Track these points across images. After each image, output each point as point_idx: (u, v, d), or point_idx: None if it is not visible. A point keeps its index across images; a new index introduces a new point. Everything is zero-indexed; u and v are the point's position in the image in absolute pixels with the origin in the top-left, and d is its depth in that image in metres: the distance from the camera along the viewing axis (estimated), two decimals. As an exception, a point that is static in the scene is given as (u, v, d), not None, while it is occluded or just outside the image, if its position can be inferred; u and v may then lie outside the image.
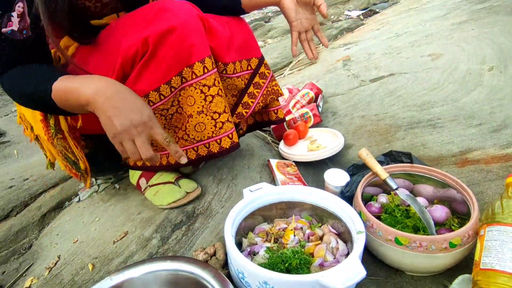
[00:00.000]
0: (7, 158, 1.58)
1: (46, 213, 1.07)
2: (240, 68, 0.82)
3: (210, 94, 0.71)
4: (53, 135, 0.76)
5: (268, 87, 0.89)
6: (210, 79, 0.71)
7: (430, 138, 0.91)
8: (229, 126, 0.76)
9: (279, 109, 0.97)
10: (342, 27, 2.12)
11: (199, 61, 0.68)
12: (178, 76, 0.69)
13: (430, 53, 1.23)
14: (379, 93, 1.16)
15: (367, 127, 1.05)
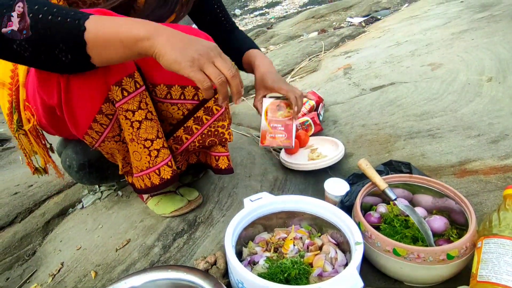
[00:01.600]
0: (12, 164, 1.61)
1: (50, 220, 1.08)
2: (181, 95, 0.69)
3: (136, 120, 0.64)
4: (15, 130, 0.76)
5: (211, 127, 0.74)
6: (132, 103, 0.62)
7: (430, 148, 0.91)
8: (165, 152, 0.70)
9: (222, 157, 0.79)
10: (344, 35, 2.14)
11: (115, 84, 0.60)
12: (107, 102, 0.62)
13: (430, 62, 1.24)
14: (380, 102, 1.17)
15: (367, 136, 1.06)
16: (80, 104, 0.62)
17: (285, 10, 4.79)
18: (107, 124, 0.66)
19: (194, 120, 0.73)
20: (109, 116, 0.65)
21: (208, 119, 0.74)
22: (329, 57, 1.80)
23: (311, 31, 2.92)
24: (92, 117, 0.64)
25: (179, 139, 0.74)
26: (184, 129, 0.73)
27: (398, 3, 3.23)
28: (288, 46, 2.20)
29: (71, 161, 0.88)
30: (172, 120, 0.73)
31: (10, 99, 0.76)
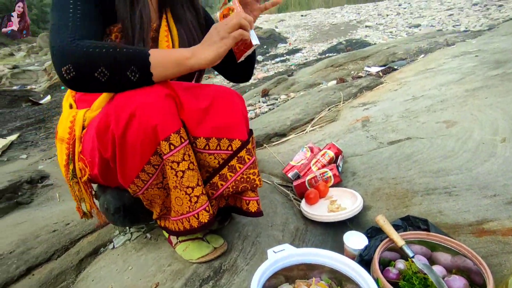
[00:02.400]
0: (50, 200, 1.73)
1: (84, 258, 1.16)
2: (217, 146, 0.80)
3: (180, 170, 0.74)
4: (70, 179, 0.91)
5: (243, 174, 0.83)
6: (177, 155, 0.73)
7: (447, 206, 0.95)
8: (204, 199, 0.78)
9: (252, 201, 0.86)
10: (362, 85, 2.25)
11: (164, 140, 0.71)
12: (155, 154, 0.74)
13: (445, 119, 1.31)
14: (397, 156, 1.22)
15: (385, 190, 1.11)
16: (131, 157, 0.74)
17: (305, 57, 5.06)
18: (153, 173, 0.77)
19: (228, 168, 0.82)
20: (156, 166, 0.76)
21: (241, 167, 0.83)
22: (347, 108, 1.89)
23: (330, 79, 3.07)
24: (141, 167, 0.75)
25: (215, 185, 0.83)
26: (220, 176, 0.82)
27: (414, 54, 3.37)
28: (308, 95, 2.33)
29: (108, 204, 0.97)
30: (209, 168, 0.83)
31: (67, 152, 0.89)
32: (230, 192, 0.84)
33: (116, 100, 0.72)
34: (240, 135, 0.82)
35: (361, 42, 5.30)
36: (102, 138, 0.75)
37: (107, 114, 0.73)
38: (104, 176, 0.86)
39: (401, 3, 8.93)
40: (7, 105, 4.36)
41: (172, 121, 0.72)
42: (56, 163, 2.30)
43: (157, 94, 0.71)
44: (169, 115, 0.72)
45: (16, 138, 3.05)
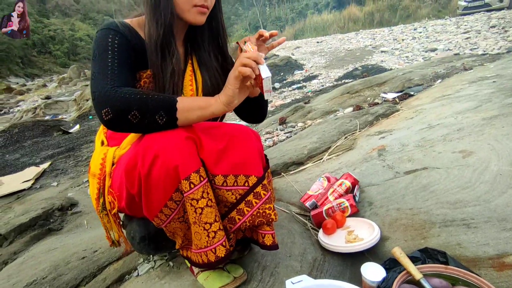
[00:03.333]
0: (79, 227, 1.83)
1: (110, 285, 1.21)
2: (234, 183, 0.86)
3: (199, 207, 0.80)
4: (100, 211, 0.99)
5: (259, 209, 0.88)
6: (197, 193, 0.80)
7: (465, 238, 0.95)
8: (221, 234, 0.83)
9: (268, 235, 0.91)
10: (378, 113, 2.28)
11: (185, 179, 0.79)
12: (177, 191, 0.81)
13: (462, 149, 1.31)
14: (413, 186, 1.24)
15: (402, 221, 1.12)
16: (155, 194, 0.82)
17: (321, 83, 5.15)
18: (175, 208, 0.84)
19: (245, 203, 0.87)
20: (177, 202, 0.83)
21: (257, 202, 0.88)
22: (363, 136, 1.92)
23: (347, 106, 3.12)
24: (164, 203, 0.83)
25: (233, 220, 0.89)
26: (237, 211, 0.88)
27: (431, 79, 3.38)
28: (325, 123, 2.38)
29: (134, 233, 1.04)
30: (227, 203, 0.88)
31: (98, 186, 0.98)
32: (247, 226, 0.89)
33: (143, 141, 0.81)
34: (256, 172, 0.87)
35: (377, 67, 5.36)
36: (130, 176, 0.83)
37: (135, 155, 0.81)
38: (131, 209, 0.94)
39: (416, 27, 9.01)
40: (41, 134, 4.67)
41: (192, 162, 0.80)
42: (84, 191, 2.43)
43: (178, 137, 0.79)
44: (189, 156, 0.80)
45: (48, 166, 3.25)
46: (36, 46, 37.66)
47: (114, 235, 1.04)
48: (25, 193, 2.63)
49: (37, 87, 15.40)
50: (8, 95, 12.66)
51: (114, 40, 0.85)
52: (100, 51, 0.83)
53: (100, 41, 0.85)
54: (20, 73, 31.78)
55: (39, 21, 40.34)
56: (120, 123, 0.78)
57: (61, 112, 6.79)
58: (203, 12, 0.91)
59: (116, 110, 0.76)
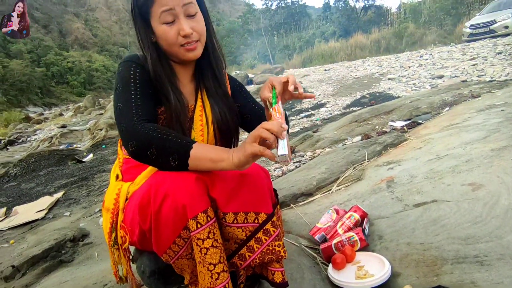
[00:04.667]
0: (89, 259, 1.84)
1: (119, 321, 1.21)
2: (245, 220, 0.89)
3: (204, 247, 0.81)
4: (112, 246, 1.01)
5: (269, 246, 0.90)
6: (203, 233, 0.81)
7: (479, 276, 0.93)
8: (225, 276, 0.83)
9: (277, 272, 0.92)
10: (386, 143, 2.30)
11: (192, 218, 0.81)
12: (185, 229, 0.84)
13: (471, 182, 1.31)
14: (423, 220, 1.23)
15: (413, 256, 1.10)
16: (164, 231, 0.85)
17: (329, 111, 5.21)
18: (182, 245, 0.86)
19: (255, 240, 0.89)
20: (185, 239, 0.86)
21: (267, 239, 0.90)
22: (372, 167, 1.93)
23: (355, 135, 3.14)
24: (172, 240, 0.85)
25: (243, 256, 0.90)
26: (247, 248, 0.90)
27: (438, 107, 3.40)
28: (333, 153, 2.39)
29: (144, 267, 1.06)
30: (237, 240, 0.90)
31: (111, 221, 1.01)
32: (257, 263, 0.90)
33: (155, 179, 0.86)
34: (265, 209, 0.90)
35: (384, 95, 5.42)
36: (143, 212, 0.87)
37: (148, 192, 0.85)
38: (142, 244, 0.96)
39: (423, 54, 9.14)
40: (56, 163, 4.80)
41: (200, 202, 0.82)
42: (95, 221, 2.46)
43: (189, 177, 0.83)
44: (198, 196, 0.82)
45: (61, 196, 3.32)
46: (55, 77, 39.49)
47: (123, 271, 1.04)
48: (38, 222, 2.68)
49: (53, 116, 15.99)
50: (27, 124, 13.16)
51: (136, 72, 0.92)
52: (123, 83, 0.91)
53: (123, 73, 0.92)
54: (38, 103, 33.15)
55: (59, 54, 42.58)
56: (141, 157, 0.86)
57: (75, 141, 7.01)
58: (191, 49, 0.96)
59: (138, 145, 0.84)
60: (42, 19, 47.89)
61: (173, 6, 0.91)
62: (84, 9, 56.58)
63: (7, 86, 30.90)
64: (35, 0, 47.89)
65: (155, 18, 0.93)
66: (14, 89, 31.50)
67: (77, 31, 52.00)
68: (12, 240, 2.33)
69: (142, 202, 0.86)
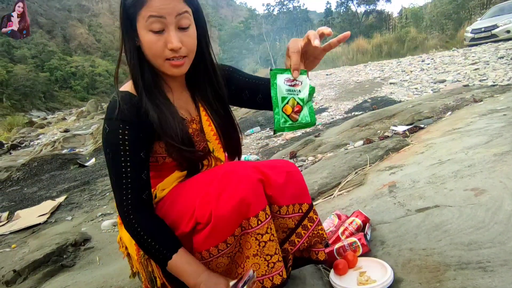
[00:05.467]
0: (91, 264, 1.84)
1: (120, 327, 1.21)
2: (292, 211, 0.98)
3: (263, 240, 0.89)
4: (142, 256, 1.01)
5: (314, 230, 1.02)
6: (263, 228, 0.88)
7: (483, 283, 0.92)
8: (279, 265, 0.91)
9: (320, 252, 1.07)
10: (388, 147, 2.29)
11: (254, 216, 0.87)
12: (239, 227, 0.88)
13: (473, 187, 1.30)
14: (425, 225, 1.22)
15: (416, 262, 1.09)
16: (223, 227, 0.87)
17: (331, 116, 5.21)
18: (231, 243, 0.89)
19: (302, 227, 1.00)
20: (236, 237, 0.89)
21: (311, 225, 1.02)
22: (374, 172, 1.92)
23: (357, 139, 3.13)
24: (226, 237, 0.88)
25: (293, 242, 1.00)
26: (296, 235, 1.00)
27: (440, 111, 3.39)
28: (335, 158, 2.39)
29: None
30: (284, 229, 1.00)
31: None
32: (305, 246, 1.02)
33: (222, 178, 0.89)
34: (307, 200, 1.01)
35: (386, 99, 5.42)
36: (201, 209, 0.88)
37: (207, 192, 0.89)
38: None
39: (424, 58, 9.15)
40: (58, 167, 4.82)
41: (261, 201, 0.89)
42: (97, 225, 2.46)
43: (251, 178, 0.88)
44: (259, 196, 0.89)
45: (64, 200, 3.32)
46: (58, 81, 39.79)
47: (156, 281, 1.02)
48: (40, 227, 2.68)
49: (57, 121, 16.09)
50: (30, 129, 13.24)
51: (124, 136, 0.87)
52: (113, 150, 0.89)
53: (112, 137, 0.88)
54: (42, 107, 33.37)
55: (62, 59, 42.95)
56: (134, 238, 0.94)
57: (78, 146, 7.04)
58: (177, 65, 0.89)
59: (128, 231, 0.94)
60: (46, 24, 48.41)
61: (165, 15, 0.82)
62: (88, 15, 57.21)
63: (11, 90, 31.18)
64: (39, 6, 48.47)
65: (141, 22, 0.84)
66: (18, 94, 31.79)
67: (81, 37, 52.55)
68: (14, 245, 2.34)
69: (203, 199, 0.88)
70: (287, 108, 0.90)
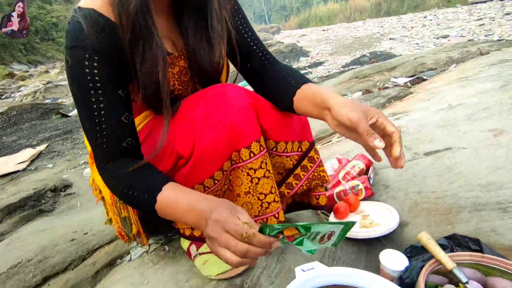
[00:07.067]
0: (71, 209, 1.73)
1: (99, 270, 1.11)
2: (291, 149, 0.85)
3: (256, 177, 0.76)
4: (116, 200, 0.85)
5: (314, 172, 0.90)
6: (256, 163, 0.75)
7: (502, 224, 0.83)
8: (275, 206, 0.79)
9: (322, 196, 0.96)
10: (390, 96, 2.15)
11: (245, 147, 0.74)
12: (228, 160, 0.75)
13: (491, 128, 1.18)
14: (436, 168, 1.11)
15: (424, 205, 1.00)
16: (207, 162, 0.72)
17: (327, 70, 4.99)
18: (219, 179, 0.76)
19: (301, 168, 0.88)
20: (224, 172, 0.76)
21: (312, 166, 0.89)
22: (376, 118, 1.79)
23: (355, 90, 2.97)
24: (211, 174, 0.74)
25: (290, 185, 0.89)
26: (294, 176, 0.88)
27: (444, 64, 3.22)
28: (333, 106, 2.24)
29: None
30: (280, 170, 0.88)
31: None
32: (304, 189, 0.90)
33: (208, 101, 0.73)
34: (308, 137, 0.88)
35: (386, 54, 5.19)
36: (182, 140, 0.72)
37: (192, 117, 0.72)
38: None
39: (427, 15, 8.75)
40: (39, 117, 4.57)
41: (254, 130, 0.74)
42: (79, 173, 2.32)
43: (243, 102, 0.73)
44: (252, 123, 0.74)
45: (45, 148, 3.15)
46: (39, 32, 37.41)
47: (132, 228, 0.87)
48: (19, 174, 2.53)
49: (39, 73, 15.29)
50: (10, 81, 12.56)
51: (93, 70, 0.64)
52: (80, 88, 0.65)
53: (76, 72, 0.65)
54: (23, 60, 31.64)
55: (41, 7, 40.02)
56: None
57: (61, 96, 6.68)
58: None
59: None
60: (21, -33, 44.24)
61: None
62: (67, -42, 52.35)
63: (-13, 40, 29.35)
64: None
65: None
66: (-5, 44, 29.97)
67: (60, -18, 48.58)
68: (-9, 191, 2.20)
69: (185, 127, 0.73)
70: None
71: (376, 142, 0.58)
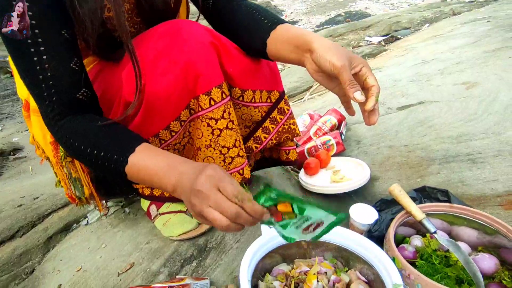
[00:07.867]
0: (22, 174, 1.58)
1: (53, 236, 1.02)
2: (260, 99, 0.75)
3: (218, 128, 0.67)
4: (61, 158, 0.72)
5: (285, 125, 0.82)
6: (217, 112, 0.66)
7: (470, 175, 0.82)
8: (239, 161, 0.71)
9: (292, 150, 0.88)
10: (364, 53, 2.08)
11: (205, 93, 0.64)
12: (186, 109, 0.65)
13: (464, 81, 1.16)
14: (408, 122, 1.08)
15: (396, 159, 0.97)
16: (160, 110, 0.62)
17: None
18: (176, 131, 0.67)
19: (270, 120, 0.79)
20: (182, 123, 0.66)
21: (282, 118, 0.80)
22: (350, 75, 1.73)
23: (329, 49, 2.88)
24: (167, 124, 0.64)
25: (258, 139, 0.80)
26: (263, 129, 0.79)
27: (418, 23, 3.18)
28: (306, 63, 2.15)
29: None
30: (248, 123, 0.79)
31: None
32: (273, 144, 0.82)
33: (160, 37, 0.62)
34: (278, 87, 0.78)
35: (361, 13, 5.05)
36: (128, 83, 0.60)
37: (142, 58, 0.59)
38: None
39: (402, -25, 8.55)
40: (-15, 76, 4.09)
41: (215, 73, 0.64)
42: (32, 135, 2.12)
43: (201, 40, 0.62)
44: (212, 65, 0.63)
45: (-8, 110, 2.84)
46: None
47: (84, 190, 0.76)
48: (-38, 138, 2.28)
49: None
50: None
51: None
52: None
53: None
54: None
55: None
56: None
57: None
58: None
59: None
60: None
61: None
62: None
63: None
64: None
65: None
66: None
67: None
68: None
69: (130, 70, 0.59)
70: None
71: (357, 94, 0.53)
